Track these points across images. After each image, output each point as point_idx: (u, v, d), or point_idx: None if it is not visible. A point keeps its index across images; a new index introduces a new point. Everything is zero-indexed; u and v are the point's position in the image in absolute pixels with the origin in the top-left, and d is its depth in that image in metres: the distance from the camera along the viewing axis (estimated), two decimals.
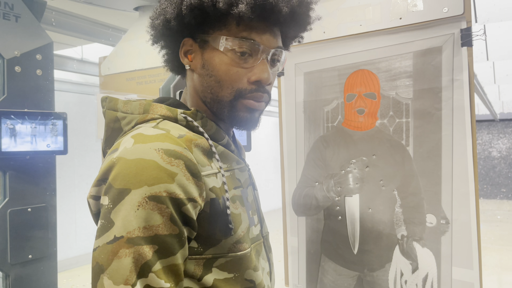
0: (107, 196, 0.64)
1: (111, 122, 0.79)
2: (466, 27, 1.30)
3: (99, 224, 0.64)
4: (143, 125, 0.74)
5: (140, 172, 0.63)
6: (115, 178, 0.64)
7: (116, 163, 0.65)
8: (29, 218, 1.78)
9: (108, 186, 0.64)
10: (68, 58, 4.52)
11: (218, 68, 0.78)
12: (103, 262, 0.61)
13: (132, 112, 0.77)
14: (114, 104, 0.80)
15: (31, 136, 1.73)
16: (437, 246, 1.35)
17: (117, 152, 0.67)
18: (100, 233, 0.63)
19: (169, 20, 0.79)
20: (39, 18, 1.85)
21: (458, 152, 1.31)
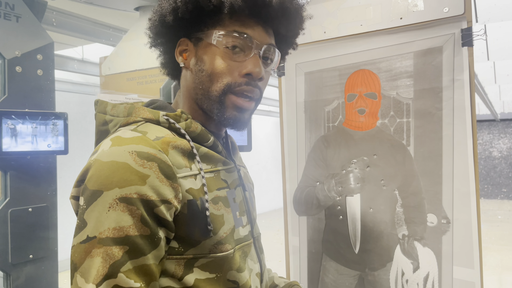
0: (82, 197, 0.66)
1: (100, 125, 0.81)
2: (466, 27, 1.30)
3: (76, 223, 0.67)
4: (124, 128, 0.75)
5: (112, 174, 0.65)
6: (89, 180, 0.66)
7: (92, 165, 0.67)
8: (30, 218, 1.78)
9: (84, 187, 0.67)
10: (69, 58, 4.53)
11: (210, 61, 0.79)
12: (77, 260, 0.64)
13: (117, 115, 0.79)
14: (103, 107, 0.82)
15: (31, 136, 1.73)
16: (438, 246, 1.35)
17: (95, 154, 0.69)
18: (76, 233, 0.66)
19: (165, 15, 0.81)
20: (40, 18, 1.85)
21: (459, 152, 1.31)
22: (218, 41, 0.79)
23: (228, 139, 0.96)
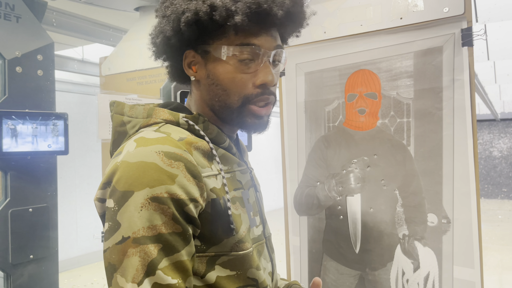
0: (112, 199, 0.67)
1: (117, 126, 0.82)
2: (466, 27, 1.30)
3: (107, 226, 0.67)
4: (146, 129, 0.77)
5: (141, 174, 0.66)
6: (118, 181, 0.67)
7: (119, 166, 0.68)
8: (30, 218, 1.78)
9: (112, 189, 0.67)
10: (69, 58, 4.53)
11: (223, 77, 0.80)
12: (115, 261, 0.65)
13: (136, 116, 0.80)
14: (120, 109, 0.82)
15: (32, 136, 1.73)
16: (439, 245, 1.35)
17: (120, 155, 0.70)
18: (109, 235, 0.66)
19: (169, 37, 0.81)
20: (40, 18, 1.85)
21: (459, 151, 1.31)
22: (227, 56, 0.79)
23: (238, 141, 0.97)
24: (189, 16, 0.76)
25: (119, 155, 0.71)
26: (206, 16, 0.75)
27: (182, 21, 0.77)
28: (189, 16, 0.76)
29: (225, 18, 0.75)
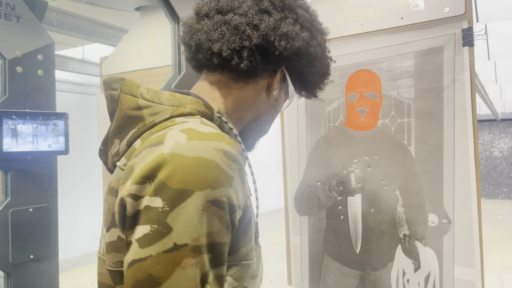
0: (159, 197, 0.56)
1: (128, 109, 0.70)
2: (467, 27, 1.30)
3: (146, 229, 0.55)
4: (189, 120, 0.68)
5: (202, 172, 0.57)
6: (170, 177, 0.56)
7: (169, 159, 0.57)
8: (31, 218, 1.78)
9: (160, 186, 0.56)
10: (69, 58, 4.53)
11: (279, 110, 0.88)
12: (160, 273, 0.54)
13: (160, 102, 0.70)
14: (134, 89, 0.71)
15: (32, 136, 1.73)
16: (439, 245, 1.35)
17: (164, 146, 0.59)
18: (152, 240, 0.55)
19: (296, 48, 0.80)
20: (40, 18, 1.85)
21: (460, 151, 1.31)
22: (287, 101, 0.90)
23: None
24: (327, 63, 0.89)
25: (159, 145, 0.60)
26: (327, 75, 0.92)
27: (318, 55, 0.85)
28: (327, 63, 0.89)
29: (322, 88, 0.93)
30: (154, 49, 2.32)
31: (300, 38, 0.79)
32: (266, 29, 0.76)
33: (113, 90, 0.72)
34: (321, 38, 0.86)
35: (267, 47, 0.77)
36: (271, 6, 0.78)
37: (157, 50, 2.31)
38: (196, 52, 0.82)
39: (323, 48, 0.87)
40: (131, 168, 0.60)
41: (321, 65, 0.87)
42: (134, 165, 0.60)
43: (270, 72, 0.82)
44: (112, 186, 0.66)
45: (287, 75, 0.85)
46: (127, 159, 0.66)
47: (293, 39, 0.78)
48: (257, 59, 0.77)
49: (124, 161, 0.67)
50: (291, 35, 0.77)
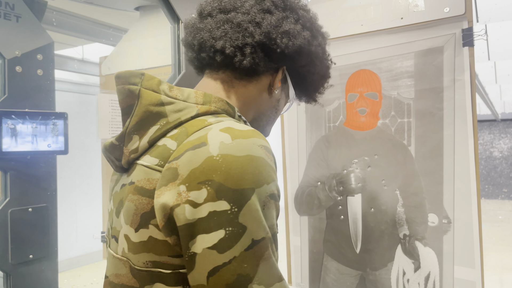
0: (223, 201, 0.57)
1: (151, 104, 0.69)
2: (467, 27, 1.30)
3: (223, 234, 0.56)
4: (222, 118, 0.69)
5: (256, 170, 0.59)
6: (228, 178, 0.57)
7: (220, 161, 0.58)
8: (30, 218, 1.78)
9: (220, 189, 0.57)
10: (69, 58, 4.53)
11: (280, 111, 0.90)
12: (249, 270, 0.56)
13: (184, 99, 0.71)
14: (155, 85, 0.71)
15: (31, 136, 1.72)
16: (439, 245, 1.35)
17: (210, 147, 0.60)
18: (231, 243, 0.56)
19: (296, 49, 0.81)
20: (40, 18, 1.84)
21: (460, 152, 1.31)
22: (288, 104, 0.93)
23: None
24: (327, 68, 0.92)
25: (201, 146, 0.60)
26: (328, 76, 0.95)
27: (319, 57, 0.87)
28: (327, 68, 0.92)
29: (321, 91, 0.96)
30: (154, 49, 2.32)
31: (302, 36, 0.80)
32: (268, 27, 0.77)
33: (131, 84, 0.71)
34: (321, 39, 0.88)
35: (269, 44, 0.78)
36: (273, 6, 0.80)
37: (157, 50, 2.30)
38: (199, 51, 0.82)
39: (323, 49, 0.89)
40: (174, 170, 0.60)
41: (322, 65, 0.89)
42: (177, 167, 0.60)
43: (272, 71, 0.83)
44: (141, 186, 0.64)
45: (288, 78, 0.87)
46: (159, 158, 0.64)
47: (294, 37, 0.79)
48: (259, 56, 0.78)
49: (154, 160, 0.65)
50: (293, 33, 0.79)
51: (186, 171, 0.59)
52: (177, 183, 0.59)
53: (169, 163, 0.61)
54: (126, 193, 0.68)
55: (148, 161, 0.66)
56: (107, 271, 0.74)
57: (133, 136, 0.69)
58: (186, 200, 0.58)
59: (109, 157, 0.74)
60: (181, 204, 0.58)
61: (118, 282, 0.69)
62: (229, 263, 0.56)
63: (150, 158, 0.66)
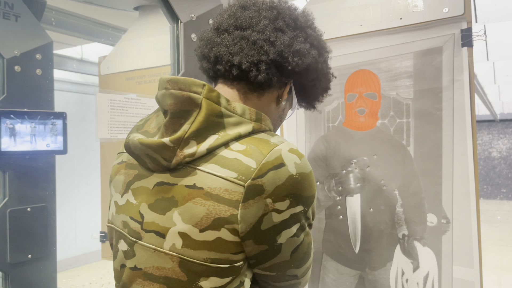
0: (300, 205, 0.77)
1: (212, 115, 0.77)
2: (466, 28, 1.30)
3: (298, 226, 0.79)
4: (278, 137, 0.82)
5: (313, 181, 0.80)
6: (304, 190, 0.77)
7: (299, 179, 0.76)
8: (29, 218, 1.78)
9: (299, 198, 0.77)
10: (68, 57, 4.52)
11: (283, 120, 0.99)
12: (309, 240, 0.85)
13: (241, 114, 0.80)
14: (216, 97, 0.79)
15: (30, 135, 1.72)
16: (438, 245, 1.35)
17: (289, 167, 0.75)
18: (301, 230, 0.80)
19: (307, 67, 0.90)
20: (39, 17, 1.84)
21: (459, 152, 1.31)
22: (289, 112, 1.03)
23: None
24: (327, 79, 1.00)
25: (281, 167, 0.74)
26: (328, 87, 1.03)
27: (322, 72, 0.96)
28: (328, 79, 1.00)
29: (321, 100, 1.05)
30: (153, 49, 2.32)
31: (310, 55, 0.89)
32: (282, 46, 0.85)
33: (193, 92, 0.77)
34: (326, 55, 0.97)
35: (282, 62, 0.86)
36: (285, 26, 0.88)
37: (156, 50, 2.30)
38: (215, 63, 0.89)
39: (327, 65, 0.98)
40: (259, 187, 0.73)
41: (325, 79, 0.99)
42: (263, 184, 0.73)
43: (281, 84, 0.91)
44: (217, 194, 0.73)
45: (293, 89, 0.96)
46: (237, 173, 0.73)
47: (304, 56, 0.88)
48: (272, 72, 0.86)
49: (231, 173, 0.73)
50: (303, 52, 0.87)
51: (271, 187, 0.73)
52: (264, 196, 0.73)
53: (253, 180, 0.72)
54: (185, 195, 0.74)
55: (217, 171, 0.74)
56: (140, 263, 0.79)
57: (190, 141, 0.76)
58: (273, 209, 0.74)
59: (151, 155, 0.78)
60: (269, 213, 0.74)
61: (160, 275, 0.77)
62: (303, 240, 0.81)
63: (220, 169, 0.74)
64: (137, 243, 0.80)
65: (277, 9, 0.89)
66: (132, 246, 0.81)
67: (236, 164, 0.74)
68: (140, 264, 0.79)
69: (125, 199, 0.85)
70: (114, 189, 0.90)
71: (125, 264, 0.83)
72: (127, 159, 0.88)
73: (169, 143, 0.75)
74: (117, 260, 0.87)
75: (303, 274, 0.87)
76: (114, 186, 0.90)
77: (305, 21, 0.92)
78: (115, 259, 0.88)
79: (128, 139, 0.82)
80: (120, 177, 0.88)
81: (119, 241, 0.86)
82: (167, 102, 0.78)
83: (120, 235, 0.86)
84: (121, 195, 0.86)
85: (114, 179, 0.91)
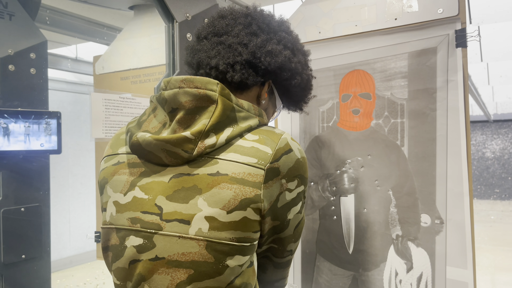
0: (303, 185, 0.90)
1: (227, 110, 0.86)
2: (460, 28, 1.30)
3: (301, 203, 0.92)
4: (270, 128, 0.91)
5: (307, 165, 0.93)
6: (305, 171, 0.90)
7: (303, 161, 0.89)
8: (23, 218, 1.77)
9: (303, 179, 0.90)
10: (63, 57, 4.50)
11: (268, 117, 1.06)
12: (304, 214, 0.97)
13: (248, 110, 0.90)
14: (228, 94, 0.87)
15: (24, 135, 1.71)
16: (432, 246, 1.36)
17: (295, 153, 0.88)
18: (303, 206, 0.93)
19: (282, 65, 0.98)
20: (33, 16, 1.83)
21: (453, 152, 1.31)
22: (275, 113, 1.11)
23: None
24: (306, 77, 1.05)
25: (290, 152, 0.86)
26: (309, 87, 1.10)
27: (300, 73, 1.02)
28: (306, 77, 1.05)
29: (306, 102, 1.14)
30: (148, 48, 2.31)
31: (283, 55, 0.97)
32: (254, 47, 0.94)
33: (210, 90, 0.86)
34: (301, 57, 1.04)
35: (255, 62, 0.94)
36: (259, 30, 0.97)
37: (151, 49, 2.30)
38: (198, 68, 0.99)
39: (303, 65, 1.04)
40: (276, 169, 0.84)
41: (302, 79, 1.04)
42: (278, 167, 0.84)
43: (260, 84, 0.99)
44: (242, 177, 0.82)
45: (275, 90, 1.03)
46: (257, 158, 0.83)
47: (276, 55, 0.96)
48: (248, 72, 0.94)
49: (252, 159, 0.83)
50: (275, 52, 0.95)
51: (285, 169, 0.85)
52: (280, 177, 0.84)
53: (271, 163, 0.83)
54: (210, 182, 0.82)
55: (238, 158, 0.83)
56: (162, 252, 0.83)
57: (210, 134, 0.84)
58: (286, 188, 0.86)
59: (170, 150, 0.83)
60: (283, 192, 0.86)
61: (186, 260, 0.82)
62: (303, 216, 0.94)
63: (241, 157, 0.83)
64: (157, 234, 0.84)
65: (251, 15, 0.98)
66: (151, 238, 0.84)
67: (254, 151, 0.83)
68: (162, 253, 0.83)
69: (131, 196, 0.87)
70: (113, 189, 0.90)
71: (137, 259, 0.85)
72: (127, 159, 0.91)
73: (191, 136, 0.82)
74: (125, 257, 0.87)
75: (295, 251, 0.99)
76: (112, 186, 0.91)
77: (278, 25, 1.01)
78: (120, 258, 0.88)
79: (137, 138, 0.86)
80: (121, 177, 0.90)
81: (126, 239, 0.87)
82: (181, 99, 0.85)
83: (127, 232, 0.87)
84: (124, 194, 0.88)
85: (111, 179, 0.91)
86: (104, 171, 0.95)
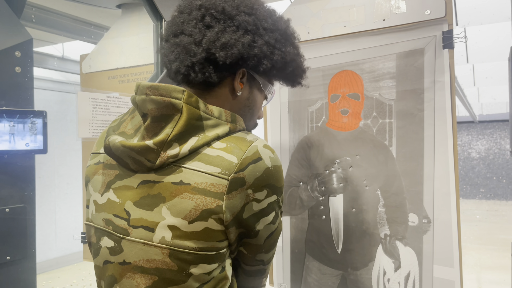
0: (275, 195, 0.85)
1: (192, 119, 0.82)
2: (447, 30, 1.32)
3: (274, 213, 0.87)
4: (251, 135, 0.88)
5: (282, 172, 0.88)
6: (277, 181, 0.85)
7: (273, 171, 0.84)
8: (7, 219, 1.74)
9: (275, 188, 0.85)
10: (49, 55, 4.44)
11: (257, 106, 1.00)
12: (280, 226, 0.92)
13: (218, 117, 0.85)
14: (195, 102, 0.84)
15: (9, 135, 1.69)
16: (419, 245, 1.37)
17: (265, 161, 0.83)
18: (276, 217, 0.89)
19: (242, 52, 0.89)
20: (18, 14, 1.80)
21: (440, 152, 1.33)
22: (269, 95, 1.02)
23: None
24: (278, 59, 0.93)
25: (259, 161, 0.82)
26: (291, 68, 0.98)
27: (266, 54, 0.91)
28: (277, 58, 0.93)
29: (298, 77, 1.05)
30: (136, 47, 2.29)
31: (240, 44, 0.88)
32: (207, 44, 0.87)
33: (174, 98, 0.82)
34: (271, 35, 0.93)
35: (212, 58, 0.88)
36: (213, 20, 0.89)
37: (139, 48, 2.28)
38: (168, 72, 0.96)
39: (272, 45, 0.93)
40: (241, 179, 0.79)
41: (273, 60, 0.94)
42: (244, 177, 0.80)
43: (230, 77, 0.92)
44: (204, 188, 0.79)
45: (255, 75, 0.95)
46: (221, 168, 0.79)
47: (231, 47, 0.87)
48: (209, 70, 0.88)
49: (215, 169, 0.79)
50: (230, 43, 0.87)
51: (251, 179, 0.80)
52: (245, 188, 0.80)
53: (236, 173, 0.79)
54: (173, 191, 0.80)
55: (202, 167, 0.80)
56: (128, 257, 0.83)
57: (173, 144, 0.81)
58: (253, 198, 0.81)
59: (134, 157, 0.82)
60: (250, 202, 0.81)
61: (150, 267, 0.81)
62: (277, 227, 0.90)
63: (205, 166, 0.80)
64: (124, 239, 0.83)
65: (204, 6, 0.90)
66: (119, 242, 0.84)
67: (219, 160, 0.80)
68: (129, 259, 0.83)
69: (106, 197, 0.87)
70: (93, 188, 0.92)
71: (109, 261, 0.86)
72: (105, 160, 0.91)
73: (153, 145, 0.80)
74: (100, 257, 0.89)
75: (268, 261, 0.96)
76: (92, 185, 0.92)
77: (234, 9, 0.90)
78: (97, 256, 0.90)
79: (108, 141, 0.85)
80: (99, 177, 0.90)
81: (101, 238, 0.88)
82: (147, 107, 0.82)
83: (102, 233, 0.88)
84: (101, 194, 0.89)
85: (92, 178, 0.93)
86: (88, 169, 0.96)
